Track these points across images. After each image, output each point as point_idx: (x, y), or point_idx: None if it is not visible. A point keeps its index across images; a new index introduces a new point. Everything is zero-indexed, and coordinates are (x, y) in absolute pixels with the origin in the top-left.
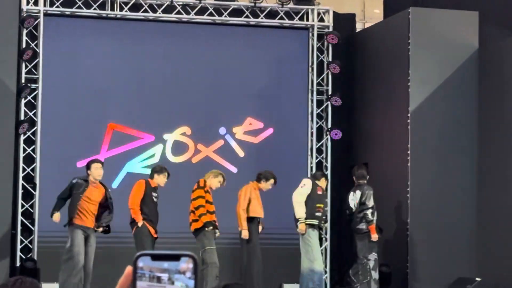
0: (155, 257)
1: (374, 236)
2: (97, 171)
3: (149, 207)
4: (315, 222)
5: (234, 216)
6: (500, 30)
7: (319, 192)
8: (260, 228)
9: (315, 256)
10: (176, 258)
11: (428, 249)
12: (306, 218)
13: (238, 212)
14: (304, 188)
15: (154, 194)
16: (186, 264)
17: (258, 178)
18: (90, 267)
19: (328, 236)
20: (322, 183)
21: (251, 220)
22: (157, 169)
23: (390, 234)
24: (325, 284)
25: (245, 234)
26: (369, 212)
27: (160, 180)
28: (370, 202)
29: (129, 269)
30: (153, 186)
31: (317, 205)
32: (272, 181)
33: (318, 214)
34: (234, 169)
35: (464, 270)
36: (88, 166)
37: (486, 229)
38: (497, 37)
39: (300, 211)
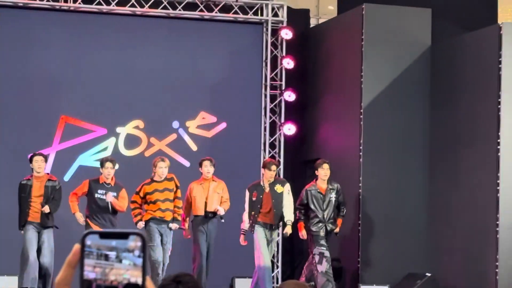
0: (103, 235)
1: (301, 234)
2: (37, 164)
3: (91, 207)
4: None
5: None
6: (452, 27)
7: (253, 198)
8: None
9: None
10: (125, 236)
11: (379, 245)
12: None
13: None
14: None
15: (100, 191)
16: (134, 243)
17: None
18: (46, 264)
19: (280, 231)
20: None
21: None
22: (100, 162)
23: (342, 230)
24: (277, 278)
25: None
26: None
27: (104, 172)
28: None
29: (76, 246)
30: (101, 182)
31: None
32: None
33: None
34: (187, 163)
35: (414, 266)
36: (30, 160)
37: (436, 225)
38: (449, 34)
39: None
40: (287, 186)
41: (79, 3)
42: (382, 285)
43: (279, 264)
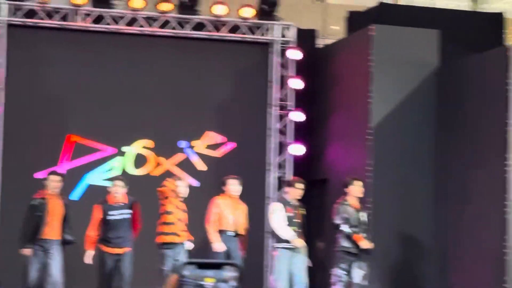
0: (200, 266)
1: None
2: (53, 184)
3: (104, 228)
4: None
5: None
6: (459, 48)
7: (289, 214)
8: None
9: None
10: (220, 266)
11: (388, 264)
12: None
13: None
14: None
15: (111, 212)
16: (229, 273)
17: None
18: (56, 280)
19: None
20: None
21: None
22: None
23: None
24: None
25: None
26: None
27: (112, 190)
28: None
29: (173, 277)
30: (110, 203)
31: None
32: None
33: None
34: (196, 183)
35: (424, 284)
36: (45, 178)
37: (445, 246)
38: (456, 55)
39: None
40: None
41: (88, 23)
42: None
43: None
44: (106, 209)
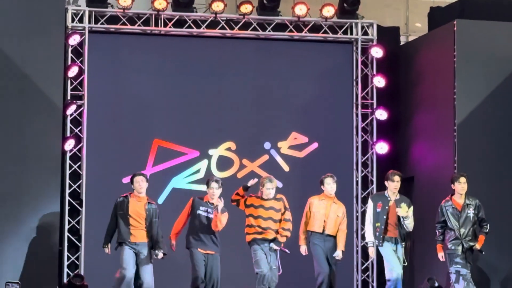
0: None
1: (440, 255)
2: (138, 184)
3: (193, 223)
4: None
5: None
6: None
7: (378, 209)
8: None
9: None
10: None
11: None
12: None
13: None
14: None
15: (202, 208)
16: None
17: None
18: (149, 283)
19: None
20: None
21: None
22: (206, 182)
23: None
24: None
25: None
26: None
27: (209, 192)
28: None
29: None
30: (205, 200)
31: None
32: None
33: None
34: (279, 184)
35: None
36: (131, 180)
37: None
38: None
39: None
40: (412, 208)
41: (170, 27)
42: None
43: (375, 284)
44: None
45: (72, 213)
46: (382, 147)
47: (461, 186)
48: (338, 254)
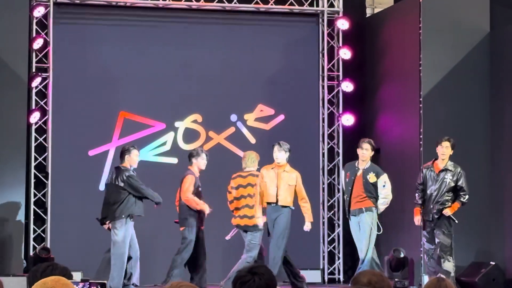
0: None
1: (416, 219)
2: (135, 158)
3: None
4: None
5: None
6: (511, 13)
7: (346, 179)
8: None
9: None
10: None
11: None
12: None
13: None
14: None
15: (198, 183)
16: None
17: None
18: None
19: (341, 222)
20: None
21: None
22: (193, 153)
23: (408, 219)
24: (338, 269)
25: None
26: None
27: (200, 164)
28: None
29: None
30: (196, 176)
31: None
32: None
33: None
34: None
35: (478, 255)
36: (128, 151)
37: (500, 214)
38: (508, 20)
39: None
40: (384, 177)
41: None
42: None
43: (341, 255)
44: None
45: (38, 186)
46: (348, 119)
47: (442, 150)
48: (308, 226)
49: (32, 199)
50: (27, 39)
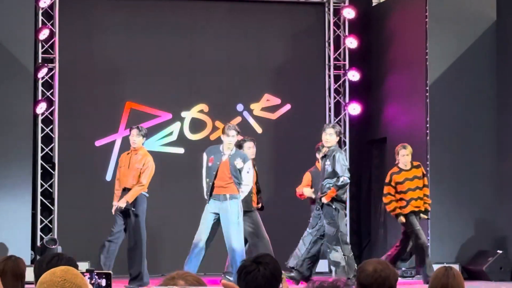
0: None
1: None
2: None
3: None
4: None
5: None
6: None
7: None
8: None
9: None
10: None
11: (449, 223)
12: None
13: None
14: None
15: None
16: None
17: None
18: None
19: (347, 211)
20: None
21: None
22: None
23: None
24: None
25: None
26: None
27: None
28: None
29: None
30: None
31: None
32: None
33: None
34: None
35: (485, 243)
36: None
37: (507, 203)
38: None
39: None
40: (248, 164)
41: None
42: (452, 263)
43: None
44: None
45: (44, 176)
46: (354, 108)
47: (325, 137)
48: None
49: (39, 190)
50: (33, 30)
